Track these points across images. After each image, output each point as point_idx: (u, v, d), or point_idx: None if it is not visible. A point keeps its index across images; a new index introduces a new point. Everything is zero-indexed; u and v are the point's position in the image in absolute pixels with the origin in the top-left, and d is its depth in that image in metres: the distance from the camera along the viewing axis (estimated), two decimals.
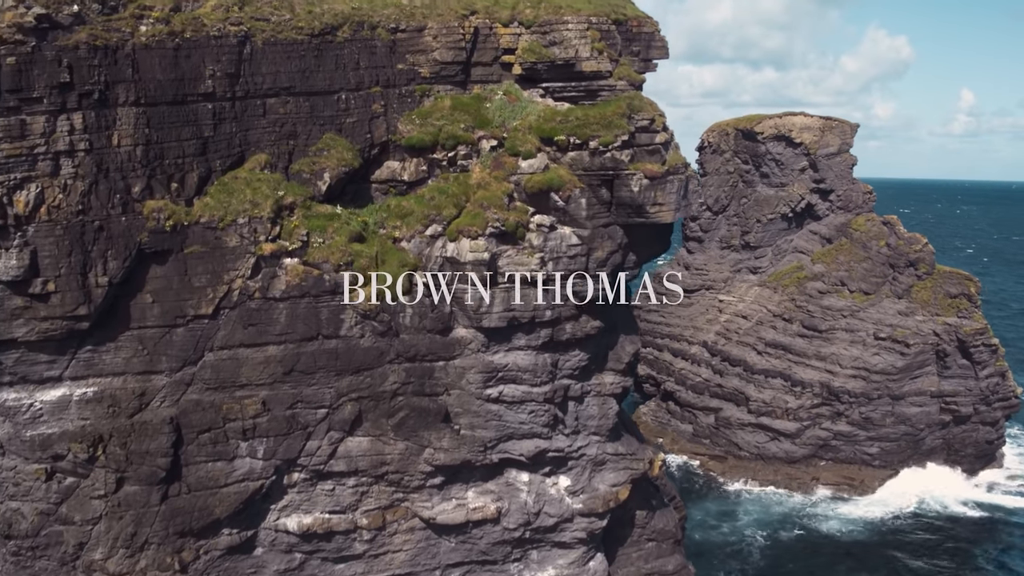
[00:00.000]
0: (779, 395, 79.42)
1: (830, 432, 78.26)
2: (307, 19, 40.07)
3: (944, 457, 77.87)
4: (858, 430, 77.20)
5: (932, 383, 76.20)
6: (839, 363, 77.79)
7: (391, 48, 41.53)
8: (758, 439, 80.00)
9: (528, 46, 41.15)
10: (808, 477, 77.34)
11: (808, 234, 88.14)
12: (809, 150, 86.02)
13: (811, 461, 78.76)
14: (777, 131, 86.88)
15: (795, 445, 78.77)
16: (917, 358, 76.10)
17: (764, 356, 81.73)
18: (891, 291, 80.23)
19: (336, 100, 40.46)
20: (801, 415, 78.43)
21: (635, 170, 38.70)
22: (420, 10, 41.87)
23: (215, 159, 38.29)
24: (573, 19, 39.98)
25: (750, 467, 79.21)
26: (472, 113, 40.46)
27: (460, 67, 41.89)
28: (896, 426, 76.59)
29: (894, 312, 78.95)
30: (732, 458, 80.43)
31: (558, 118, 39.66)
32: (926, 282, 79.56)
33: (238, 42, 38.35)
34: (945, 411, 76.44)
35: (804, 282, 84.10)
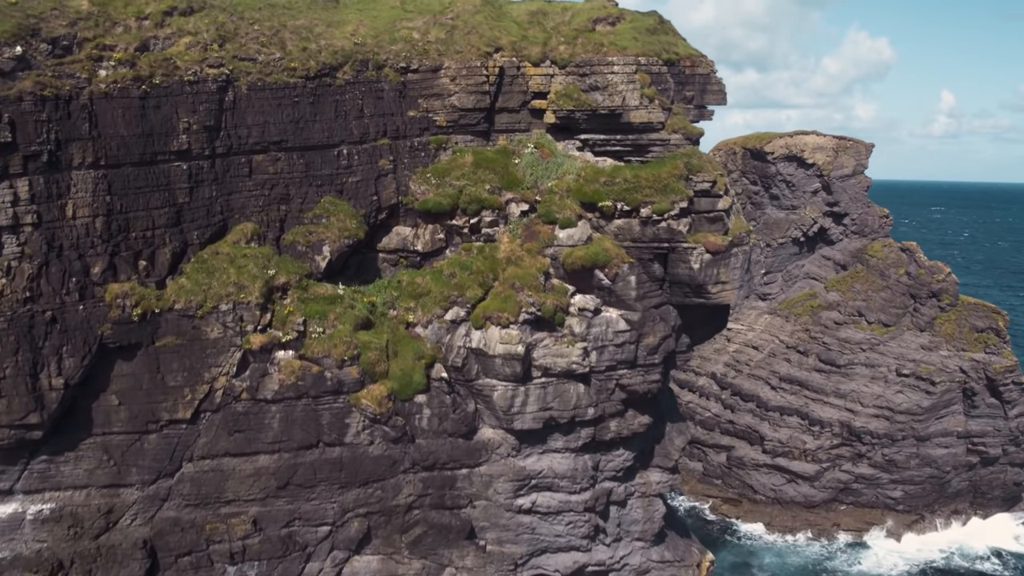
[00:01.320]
0: (796, 434, 74.35)
1: (851, 475, 73.40)
2: (301, 58, 33.45)
3: (970, 500, 73.53)
4: (881, 473, 72.43)
5: (959, 423, 71.60)
6: (860, 401, 72.83)
7: (401, 92, 35.02)
8: (774, 481, 74.94)
9: (563, 90, 34.91)
10: (828, 523, 72.46)
11: (820, 259, 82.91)
12: (822, 171, 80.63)
13: (831, 505, 73.88)
14: (788, 151, 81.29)
15: (814, 488, 73.84)
16: (943, 397, 71.37)
17: (779, 392, 76.52)
18: (912, 323, 75.39)
19: (336, 155, 33.95)
20: (820, 456, 73.45)
21: (694, 243, 32.78)
22: (434, 46, 35.39)
23: (192, 230, 31.80)
24: (619, 60, 33.81)
25: (766, 511, 74.14)
26: (498, 171, 34.19)
27: (483, 114, 35.56)
28: (921, 468, 71.91)
29: (916, 346, 74.11)
30: (747, 501, 75.30)
31: (602, 179, 33.55)
32: (950, 314, 74.73)
33: (218, 88, 31.73)
34: (972, 452, 71.93)
35: (818, 311, 78.96)
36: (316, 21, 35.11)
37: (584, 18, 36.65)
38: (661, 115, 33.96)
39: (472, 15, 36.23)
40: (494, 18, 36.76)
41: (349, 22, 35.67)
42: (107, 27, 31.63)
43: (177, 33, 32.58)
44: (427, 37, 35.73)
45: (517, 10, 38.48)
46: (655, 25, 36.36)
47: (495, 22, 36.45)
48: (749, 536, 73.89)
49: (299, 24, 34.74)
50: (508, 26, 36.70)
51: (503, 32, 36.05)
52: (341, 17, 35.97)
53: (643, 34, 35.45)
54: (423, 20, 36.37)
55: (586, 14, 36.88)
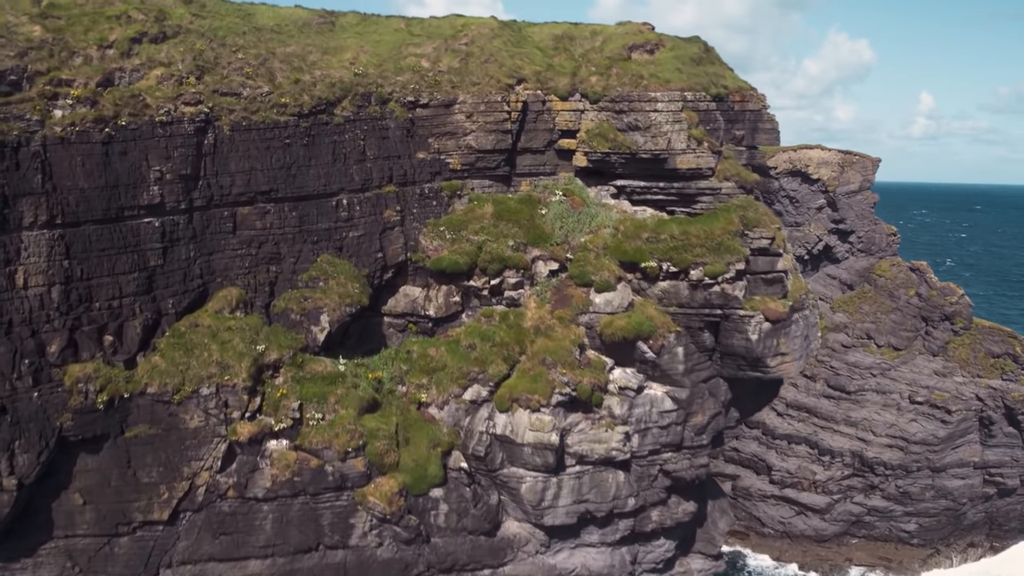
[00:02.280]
0: (805, 464, 70.83)
1: (863, 507, 70.09)
2: (292, 92, 28.62)
3: (986, 532, 70.68)
4: (894, 505, 69.21)
5: (975, 453, 68.56)
6: (872, 430, 69.43)
7: (408, 130, 30.33)
8: (783, 514, 71.44)
9: (597, 129, 30.45)
10: (840, 557, 69.16)
11: (826, 278, 79.48)
12: (827, 187, 77.00)
13: (842, 539, 70.60)
14: (792, 166, 77.52)
15: (825, 521, 70.45)
16: (960, 426, 68.24)
17: (786, 419, 72.96)
18: (924, 347, 72.15)
19: (334, 206, 29.23)
20: (831, 488, 70.03)
21: (751, 310, 28.55)
22: (447, 77, 30.71)
23: (166, 298, 27.03)
24: (663, 95, 29.39)
25: (775, 546, 70.66)
26: (523, 223, 29.70)
27: (503, 156, 31.01)
28: (936, 500, 68.81)
29: (929, 372, 70.88)
30: (754, 535, 71.82)
31: (644, 234, 29.17)
32: (963, 338, 71.54)
33: (196, 129, 26.91)
34: (989, 483, 69.00)
35: (825, 333, 75.46)
36: (309, 48, 30.30)
37: (618, 45, 32.15)
38: (711, 160, 29.64)
39: (489, 40, 31.59)
40: (514, 43, 32.17)
41: (347, 48, 30.90)
42: (63, 58, 26.66)
43: (147, 64, 27.63)
44: (438, 66, 31.03)
45: (539, 34, 33.90)
46: (700, 54, 31.99)
47: (516, 48, 31.85)
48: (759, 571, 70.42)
49: (290, 52, 29.91)
50: (531, 53, 32.11)
51: (525, 60, 31.45)
52: (338, 43, 31.18)
53: (687, 64, 31.06)
54: (432, 46, 31.66)
55: (620, 40, 32.39)
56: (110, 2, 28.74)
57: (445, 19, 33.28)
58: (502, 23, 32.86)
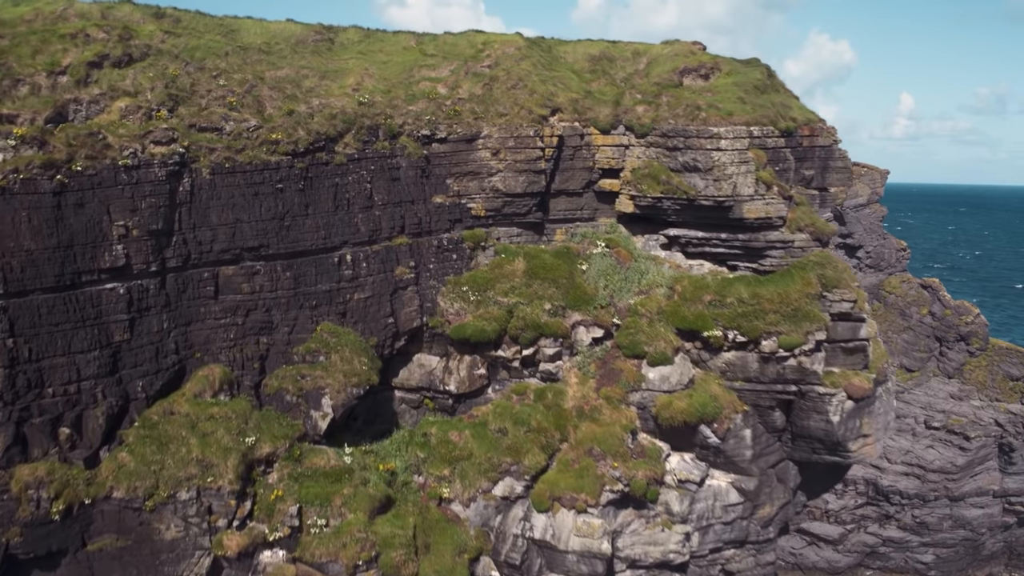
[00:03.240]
0: None
1: (878, 537, 66.66)
2: (286, 126, 23.76)
3: (1005, 562, 67.76)
4: (911, 535, 65.90)
5: (994, 480, 65.37)
6: (887, 457, 66.02)
7: (423, 170, 25.59)
8: (794, 544, 67.89)
9: (646, 168, 25.94)
10: None
11: None
12: (834, 200, 73.27)
13: (857, 571, 67.27)
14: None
15: (838, 553, 66.99)
16: (979, 453, 64.95)
17: None
18: (939, 369, 68.82)
19: (337, 263, 24.45)
20: (844, 517, 66.51)
21: (832, 386, 24.30)
22: (468, 106, 25.98)
23: (134, 380, 22.27)
24: (727, 131, 24.91)
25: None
26: (561, 282, 25.15)
27: (535, 200, 26.42)
28: (954, 531, 65.61)
29: (945, 395, 67.52)
30: None
31: (707, 296, 24.75)
32: (980, 359, 68.24)
33: (169, 173, 22.07)
34: (1009, 512, 65.95)
35: None
36: (305, 71, 25.42)
37: (667, 68, 27.61)
38: (782, 207, 25.27)
39: (516, 62, 26.89)
40: (545, 66, 27.50)
41: (349, 72, 26.04)
42: (5, 88, 21.73)
43: (108, 94, 22.63)
44: (457, 93, 26.28)
45: (573, 54, 29.27)
46: (763, 80, 27.58)
47: (547, 71, 27.18)
48: None
49: (281, 76, 25.01)
50: (565, 77, 27.46)
51: (560, 86, 26.80)
52: (339, 65, 26.31)
53: (751, 93, 26.63)
54: (450, 68, 26.90)
55: (668, 63, 27.85)
56: (64, 18, 23.70)
57: (462, 36, 28.55)
58: (529, 41, 28.19)
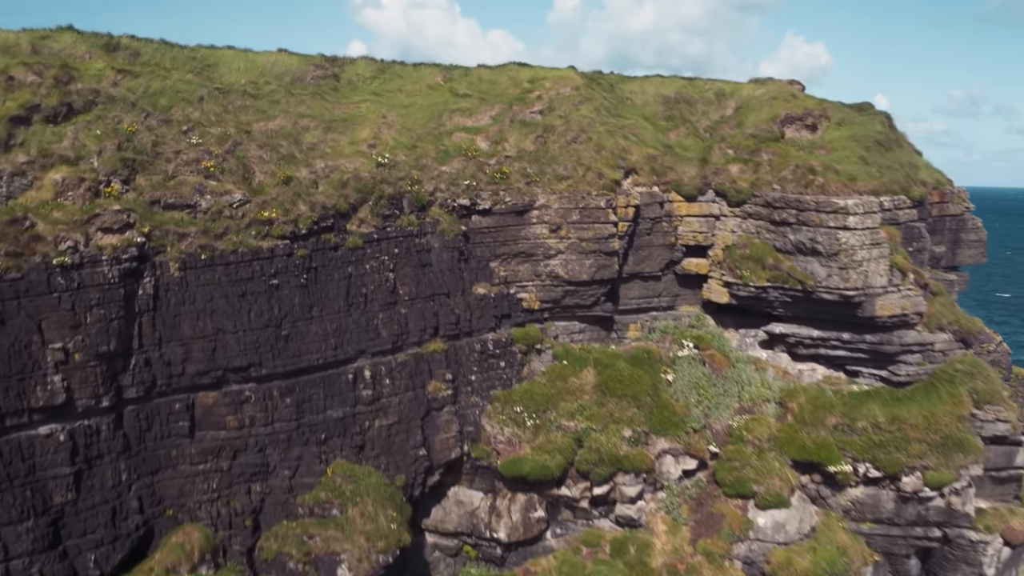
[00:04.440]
0: None
1: None
2: (282, 199, 17.67)
3: None
4: None
5: None
6: None
7: (461, 252, 19.61)
8: None
9: (745, 245, 20.18)
10: None
11: None
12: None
13: None
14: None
15: None
16: None
17: None
18: None
19: (351, 381, 18.42)
20: None
21: (986, 531, 18.89)
22: (517, 165, 20.01)
23: (83, 554, 16.25)
24: (856, 203, 19.15)
25: None
26: (643, 400, 19.35)
27: (604, 289, 20.61)
28: None
29: None
30: None
31: (831, 419, 19.08)
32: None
33: (123, 273, 16.13)
34: None
35: None
36: (305, 121, 19.25)
37: (764, 116, 21.83)
38: (921, 301, 19.68)
39: (575, 107, 20.92)
40: (611, 111, 21.54)
41: (363, 121, 19.90)
42: None
43: (38, 161, 16.36)
44: (502, 148, 20.26)
45: (641, 93, 23.30)
46: (884, 133, 21.89)
47: (614, 118, 21.23)
48: None
49: (274, 129, 18.84)
50: (637, 127, 21.52)
51: (632, 138, 20.87)
52: (348, 111, 20.14)
53: (873, 151, 20.94)
54: (490, 113, 20.87)
55: (765, 109, 22.06)
56: None
57: (502, 70, 22.53)
58: (587, 78, 22.21)
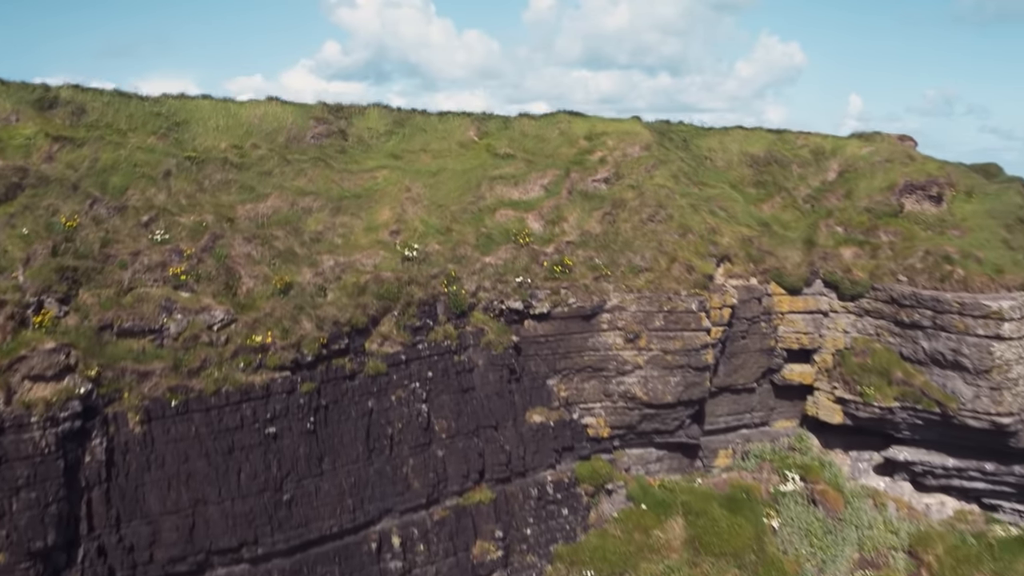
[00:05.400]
0: None
1: None
2: (279, 315, 13.10)
3: None
4: None
5: None
6: None
7: (511, 370, 15.15)
8: None
9: (864, 351, 15.97)
10: None
11: None
12: None
13: None
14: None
15: None
16: None
17: None
18: None
19: (376, 551, 13.85)
20: None
21: None
22: (583, 253, 15.57)
23: None
24: (1011, 305, 15.11)
25: None
26: (746, 559, 15.05)
27: (691, 410, 16.34)
28: None
29: None
30: None
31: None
32: None
33: (62, 436, 11.57)
34: None
35: None
36: (307, 200, 14.48)
37: (879, 185, 17.62)
38: None
39: (647, 173, 16.47)
40: (690, 175, 17.12)
41: (383, 196, 15.20)
42: None
43: None
44: (560, 229, 15.74)
45: (722, 151, 18.85)
46: (1021, 202, 17.92)
47: (695, 186, 16.82)
48: None
49: (266, 212, 14.09)
50: (724, 198, 17.12)
51: (721, 214, 16.48)
52: (362, 182, 15.39)
53: (1017, 231, 16.92)
54: (541, 181, 16.32)
55: (879, 175, 17.83)
56: None
57: (550, 121, 17.88)
58: (656, 131, 17.72)
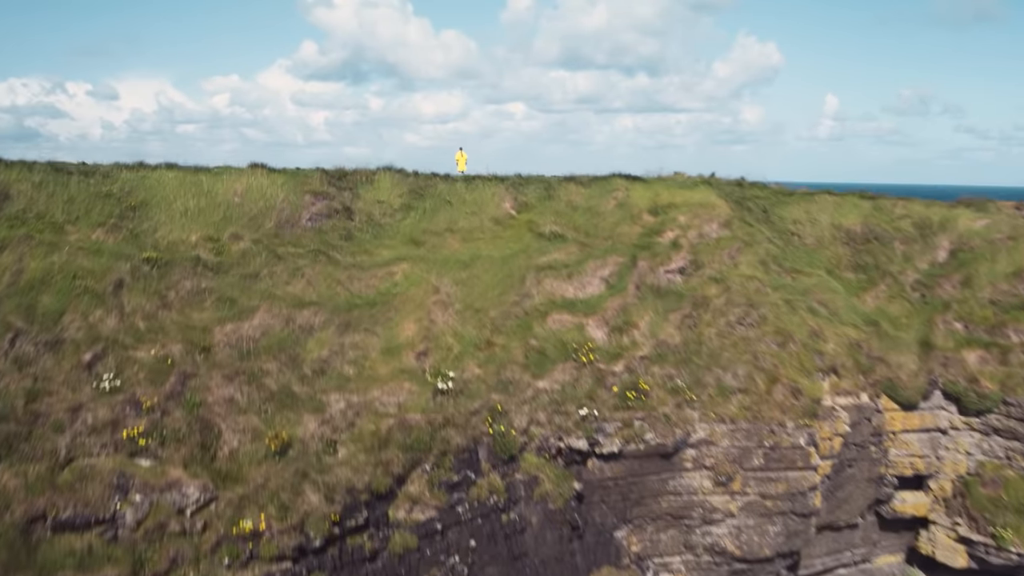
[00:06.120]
0: None
1: None
2: (274, 487, 9.72)
3: None
4: None
5: None
6: None
7: (572, 526, 11.76)
8: None
9: (997, 482, 12.87)
10: None
11: None
12: None
13: None
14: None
15: None
16: None
17: None
18: None
19: None
20: None
21: None
22: (658, 371, 12.11)
23: None
24: None
25: None
26: None
27: (790, 561, 13.12)
28: None
29: None
30: None
31: None
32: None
33: None
34: None
35: None
36: (307, 314, 10.67)
37: (1003, 269, 14.46)
38: None
39: (731, 259, 13.07)
40: (780, 261, 13.72)
41: (404, 302, 11.53)
42: None
43: None
44: (630, 338, 12.22)
45: (810, 223, 15.44)
46: None
47: (788, 275, 13.43)
48: None
49: (252, 335, 10.22)
50: (822, 288, 13.68)
51: (822, 312, 13.06)
52: (377, 282, 11.63)
53: None
54: (601, 272, 12.78)
55: (1003, 258, 14.62)
56: None
57: (603, 187, 14.17)
58: (732, 201, 14.27)
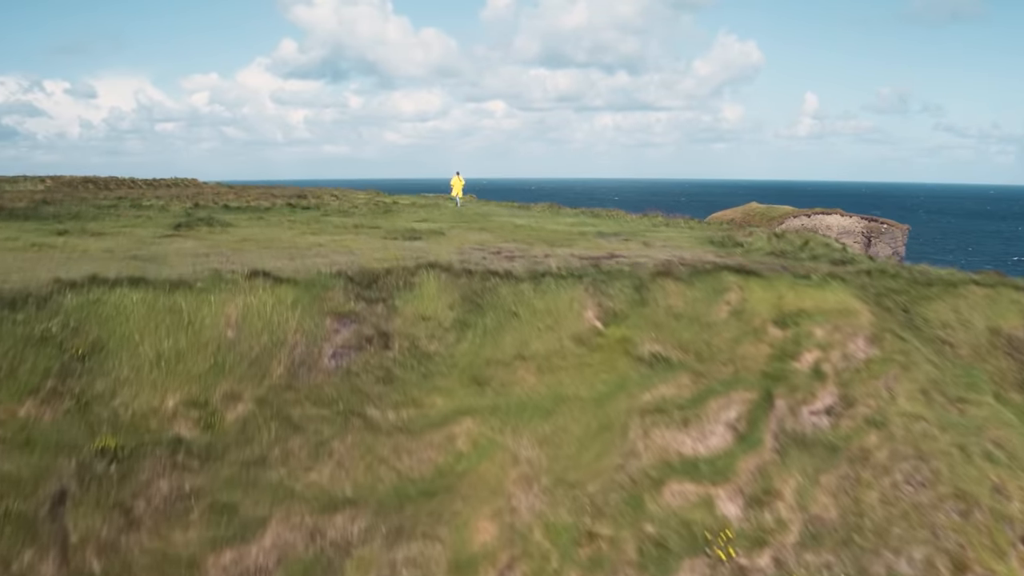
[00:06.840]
0: None
1: None
2: None
3: None
4: None
5: None
6: None
7: None
8: None
9: None
10: None
11: None
12: None
13: None
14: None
15: None
16: None
17: None
18: None
19: None
20: None
21: None
22: (811, 559, 8.83)
23: None
24: None
25: None
26: None
27: None
28: None
29: None
30: None
31: None
32: None
33: None
34: None
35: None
36: (338, 521, 7.16)
37: None
38: None
39: (887, 391, 9.67)
40: (941, 388, 10.46)
41: (471, 487, 7.98)
42: None
43: None
44: (774, 514, 8.68)
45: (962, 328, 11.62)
46: None
47: (954, 407, 10.08)
48: None
49: (259, 566, 6.80)
50: (995, 422, 10.39)
51: (1000, 459, 9.89)
52: (429, 455, 7.87)
53: None
54: (726, 415, 9.14)
55: None
56: None
57: (705, 282, 10.13)
58: (872, 303, 10.90)
